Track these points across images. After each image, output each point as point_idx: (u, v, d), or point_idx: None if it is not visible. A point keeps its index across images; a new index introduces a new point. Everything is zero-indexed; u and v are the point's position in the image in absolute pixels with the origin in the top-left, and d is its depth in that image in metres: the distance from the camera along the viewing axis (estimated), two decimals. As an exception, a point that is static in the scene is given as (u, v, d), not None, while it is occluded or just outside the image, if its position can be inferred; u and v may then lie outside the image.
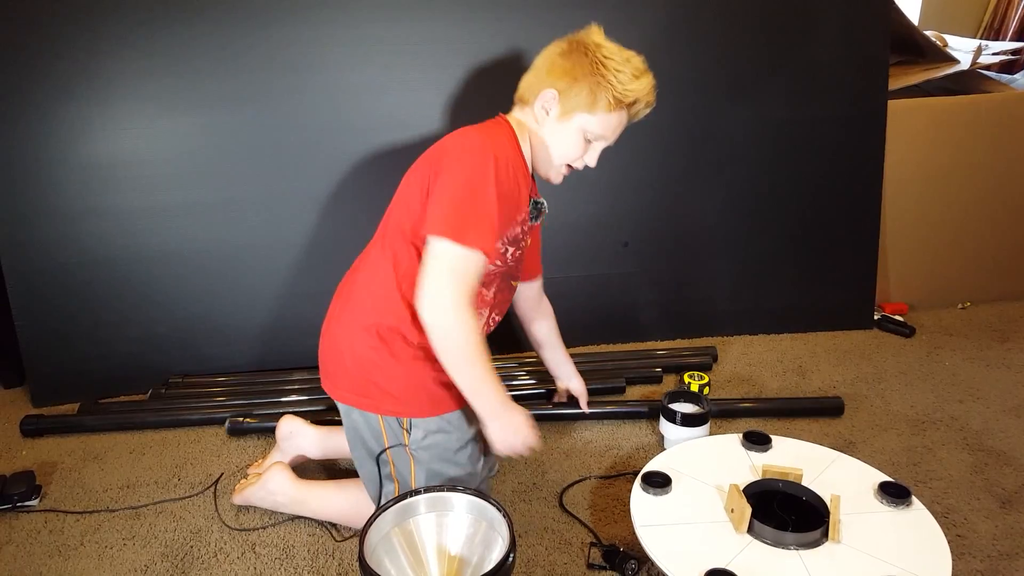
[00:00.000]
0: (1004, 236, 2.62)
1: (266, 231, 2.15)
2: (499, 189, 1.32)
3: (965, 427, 1.96)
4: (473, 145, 1.35)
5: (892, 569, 1.22)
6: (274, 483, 1.65)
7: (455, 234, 1.28)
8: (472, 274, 1.30)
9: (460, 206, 1.30)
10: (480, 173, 1.31)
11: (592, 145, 1.47)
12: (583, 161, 1.49)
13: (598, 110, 1.41)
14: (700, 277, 2.44)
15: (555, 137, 1.46)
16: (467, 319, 1.30)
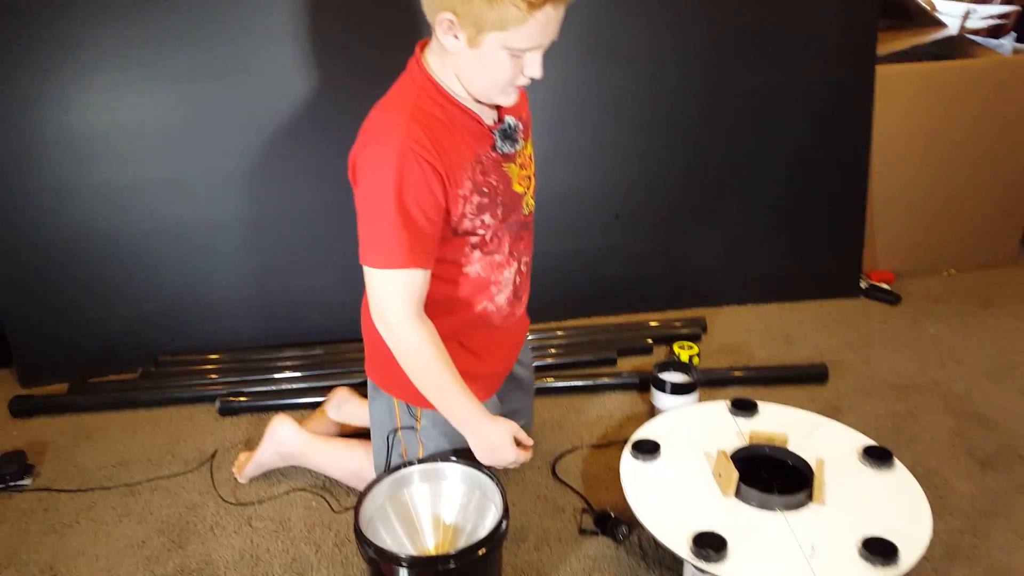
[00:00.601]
0: (989, 203, 2.64)
1: (252, 204, 2.13)
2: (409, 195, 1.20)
3: (947, 392, 1.99)
4: (373, 159, 1.21)
5: (874, 529, 1.25)
6: (281, 433, 1.67)
7: (369, 260, 1.26)
8: (404, 289, 1.26)
9: (367, 231, 1.25)
10: (381, 190, 1.20)
11: (525, 57, 1.19)
12: (524, 78, 1.22)
13: (510, 24, 1.12)
14: (690, 248, 2.46)
15: (474, 66, 1.20)
16: (411, 336, 1.29)
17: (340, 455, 1.66)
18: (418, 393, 1.40)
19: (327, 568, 1.46)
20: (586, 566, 1.45)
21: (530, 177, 1.45)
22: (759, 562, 1.20)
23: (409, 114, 1.22)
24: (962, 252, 2.71)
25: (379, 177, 1.20)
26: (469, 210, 1.30)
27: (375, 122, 1.26)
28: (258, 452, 1.70)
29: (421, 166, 1.20)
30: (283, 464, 1.71)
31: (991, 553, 1.45)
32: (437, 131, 1.23)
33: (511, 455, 1.38)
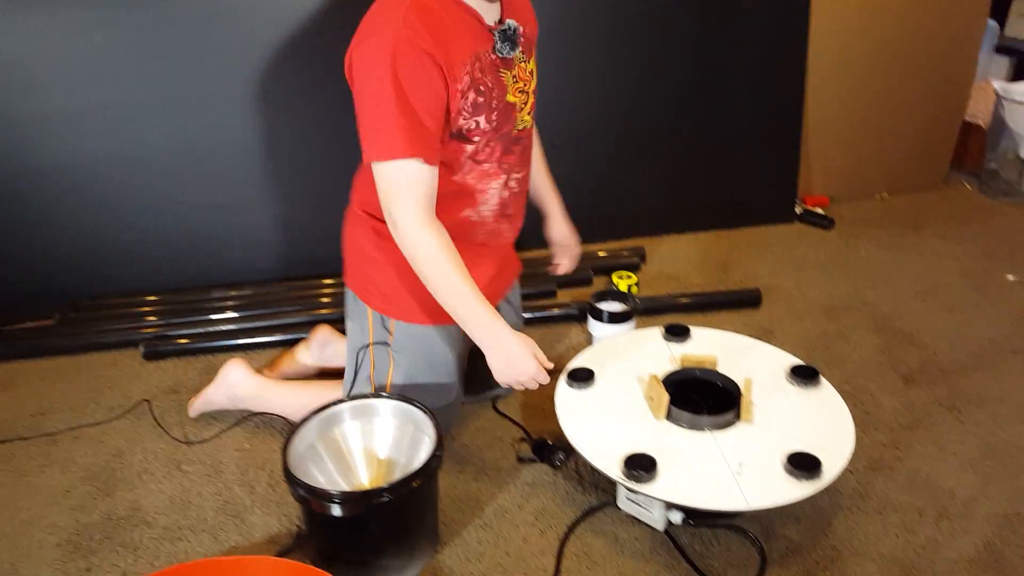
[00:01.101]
0: (921, 127, 2.67)
1: (171, 137, 2.02)
2: (407, 83, 1.17)
3: (876, 312, 2.04)
4: (368, 52, 1.18)
5: (799, 444, 1.27)
6: (233, 376, 1.63)
7: (370, 154, 1.21)
8: (410, 184, 1.21)
9: (367, 125, 1.21)
10: (377, 81, 1.17)
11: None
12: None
13: None
14: (628, 178, 2.44)
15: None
16: (424, 236, 1.23)
17: (297, 394, 1.62)
18: (397, 302, 1.38)
19: (261, 509, 1.44)
20: (524, 492, 1.46)
21: (528, 93, 1.40)
22: (688, 481, 1.22)
23: (407, 6, 1.17)
24: (895, 176, 2.75)
25: (375, 68, 1.17)
26: (465, 106, 1.26)
27: (372, 17, 1.21)
28: (209, 389, 1.66)
29: (419, 56, 1.16)
30: (232, 407, 1.67)
31: (912, 464, 1.50)
32: (435, 24, 1.19)
33: (531, 368, 1.28)
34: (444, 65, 1.19)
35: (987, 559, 1.29)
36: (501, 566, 1.30)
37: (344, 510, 1.17)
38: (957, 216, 2.60)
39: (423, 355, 1.46)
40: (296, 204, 2.16)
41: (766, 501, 1.18)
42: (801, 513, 1.38)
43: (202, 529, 1.40)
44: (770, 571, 1.27)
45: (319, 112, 2.07)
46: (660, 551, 1.32)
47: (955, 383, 1.74)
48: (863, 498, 1.42)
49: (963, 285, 2.16)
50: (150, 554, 1.35)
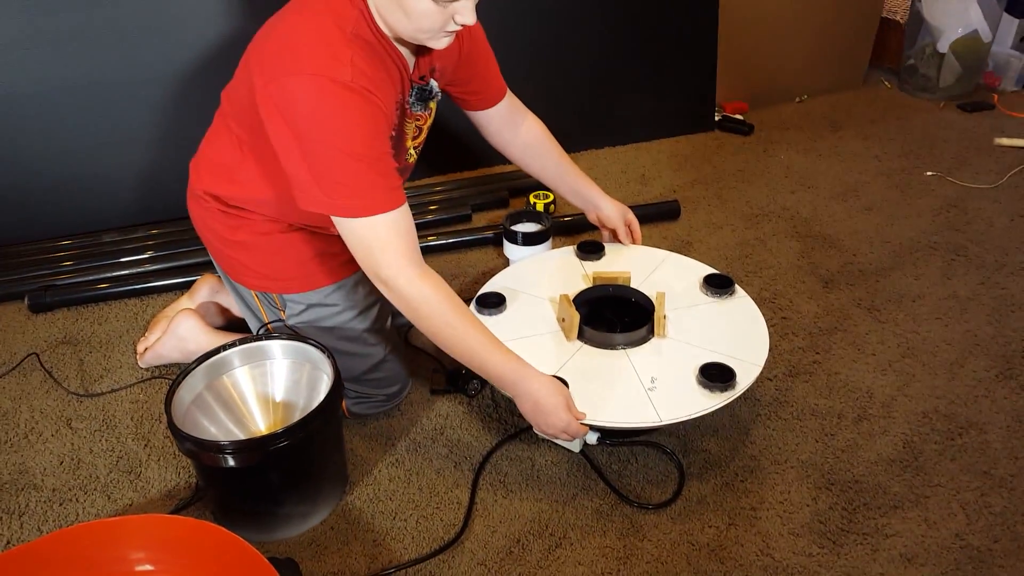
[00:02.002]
0: (839, 25, 2.61)
1: (51, 73, 1.84)
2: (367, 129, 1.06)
3: (795, 216, 2.01)
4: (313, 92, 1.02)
5: (713, 356, 1.24)
6: (183, 329, 1.51)
7: (346, 211, 1.07)
8: (395, 237, 1.09)
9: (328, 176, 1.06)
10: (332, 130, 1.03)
11: (455, 5, 1.04)
12: (454, 25, 1.07)
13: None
14: (545, 95, 2.32)
15: (397, 13, 1.06)
16: (423, 292, 1.11)
17: None
18: (275, 276, 1.29)
19: (158, 462, 1.35)
20: (438, 424, 1.40)
21: (422, 130, 1.32)
22: (600, 401, 1.18)
23: (347, 41, 1.05)
24: (814, 77, 2.70)
25: (329, 115, 1.03)
26: None
27: (305, 45, 1.04)
28: (159, 343, 1.54)
29: (371, 103, 1.05)
30: (184, 361, 1.54)
31: (831, 367, 1.49)
32: (376, 68, 1.08)
33: (561, 420, 1.14)
34: (385, 110, 1.10)
35: (906, 457, 1.29)
36: (414, 502, 1.25)
37: (238, 460, 1.09)
38: (876, 115, 2.58)
39: (328, 323, 1.34)
40: (192, 142, 2.01)
41: (679, 414, 1.14)
42: (719, 425, 1.36)
43: (94, 488, 1.31)
44: (689, 485, 1.25)
45: (218, 46, 1.90)
46: (577, 473, 1.28)
47: (874, 284, 1.73)
48: (782, 405, 1.40)
49: (883, 184, 2.15)
50: (37, 519, 1.26)
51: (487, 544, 1.17)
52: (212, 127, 1.33)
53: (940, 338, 1.56)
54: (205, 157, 1.32)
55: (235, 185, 1.26)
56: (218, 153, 1.28)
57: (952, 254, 1.82)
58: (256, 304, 1.38)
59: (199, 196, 1.32)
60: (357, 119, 1.05)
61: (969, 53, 2.58)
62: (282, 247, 1.30)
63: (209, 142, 1.32)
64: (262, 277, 1.33)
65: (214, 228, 1.33)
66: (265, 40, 1.10)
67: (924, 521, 1.18)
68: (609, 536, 1.18)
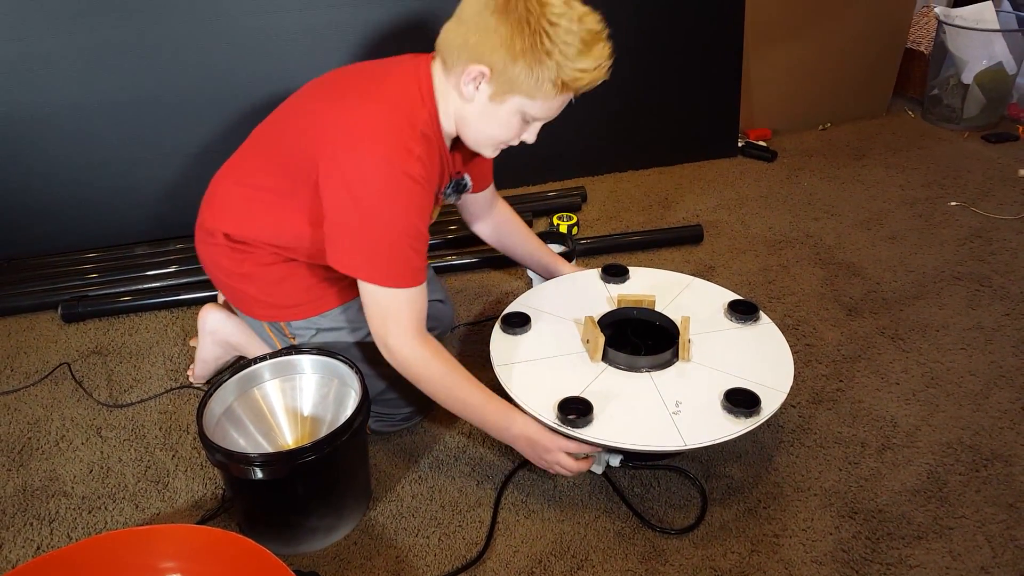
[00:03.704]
0: (864, 54, 2.62)
1: (86, 91, 1.89)
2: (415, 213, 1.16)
3: (819, 243, 2.01)
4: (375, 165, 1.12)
5: (738, 381, 1.24)
6: (211, 323, 1.52)
7: (376, 278, 1.16)
8: (408, 308, 1.18)
9: (368, 244, 1.15)
10: (387, 203, 1.13)
11: (531, 125, 1.22)
12: (517, 139, 1.23)
13: (539, 96, 1.13)
14: (568, 117, 2.33)
15: (485, 119, 1.19)
16: (422, 355, 1.19)
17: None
18: (283, 305, 1.33)
19: (185, 472, 1.37)
20: (460, 442, 1.41)
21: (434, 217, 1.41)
22: (624, 423, 1.18)
23: (416, 137, 1.15)
24: (838, 105, 2.71)
25: (393, 198, 1.13)
26: None
27: (376, 123, 1.14)
28: (198, 350, 1.56)
29: (427, 193, 1.17)
30: (229, 355, 1.57)
31: (854, 395, 1.49)
32: (430, 159, 1.19)
33: (556, 458, 1.20)
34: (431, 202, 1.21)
35: (930, 488, 1.28)
36: (436, 519, 1.26)
37: (266, 473, 1.11)
38: (900, 144, 2.58)
39: (335, 346, 1.37)
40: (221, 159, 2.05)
41: (704, 439, 1.15)
42: (743, 451, 1.36)
43: (123, 497, 1.33)
44: (711, 510, 1.25)
45: (249, 70, 1.95)
46: (599, 495, 1.29)
47: (898, 313, 1.73)
48: (805, 432, 1.40)
49: (906, 213, 2.15)
50: (67, 525, 1.28)
51: (509, 564, 1.18)
52: (237, 163, 1.35)
53: (965, 368, 1.56)
54: (226, 194, 1.34)
55: (253, 225, 1.29)
56: (243, 191, 1.30)
57: (977, 284, 1.82)
58: (268, 335, 1.40)
59: (209, 233, 1.35)
60: (416, 205, 1.16)
61: (994, 85, 2.58)
62: (286, 275, 1.33)
63: (237, 181, 1.32)
64: (269, 307, 1.35)
65: (220, 264, 1.36)
66: (335, 109, 1.18)
67: (948, 553, 1.17)
68: (631, 560, 1.18)
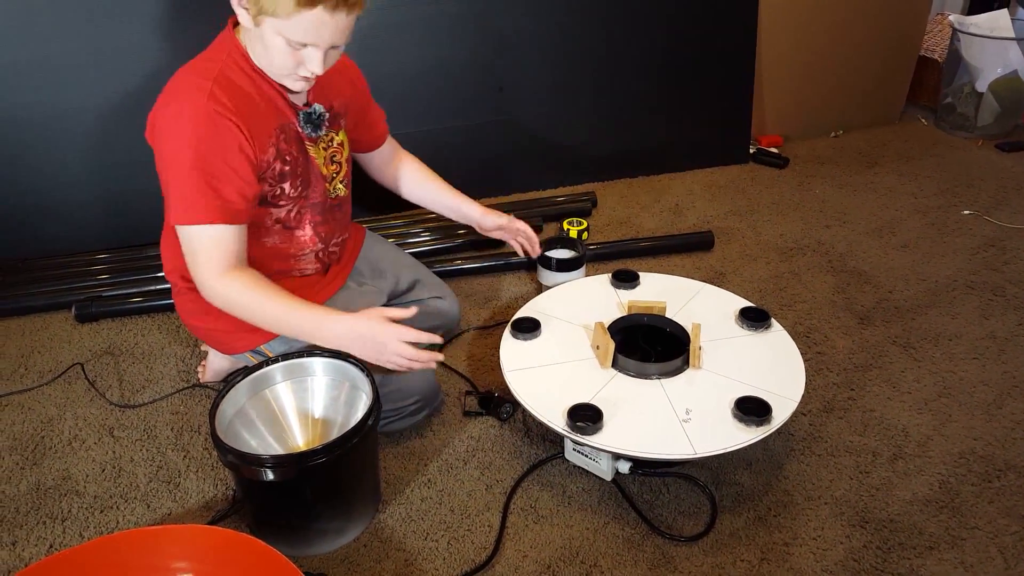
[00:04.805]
0: (877, 62, 2.62)
1: (98, 92, 1.91)
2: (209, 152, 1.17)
3: (830, 251, 2.01)
4: (171, 118, 1.17)
5: (749, 389, 1.24)
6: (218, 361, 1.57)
7: (177, 218, 1.19)
8: (211, 245, 1.20)
9: (172, 190, 1.19)
10: (181, 148, 1.16)
11: (305, 51, 1.17)
12: (305, 68, 1.19)
13: (281, 11, 1.10)
14: (579, 122, 2.36)
15: (260, 48, 1.19)
16: (226, 284, 1.21)
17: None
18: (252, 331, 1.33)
19: (196, 473, 1.38)
20: (469, 447, 1.41)
21: (340, 164, 1.43)
22: (634, 431, 1.18)
23: (213, 79, 1.19)
24: (850, 112, 2.70)
25: (178, 136, 1.17)
26: (270, 175, 1.28)
27: (178, 84, 1.21)
28: (208, 362, 1.59)
29: (226, 124, 1.18)
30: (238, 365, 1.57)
31: (866, 404, 1.48)
32: (241, 98, 1.21)
33: (392, 343, 1.21)
34: (250, 135, 1.20)
35: (942, 498, 1.28)
36: (445, 523, 1.26)
37: (277, 474, 1.11)
38: (913, 152, 2.57)
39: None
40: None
41: (714, 447, 1.15)
42: (753, 458, 1.36)
43: (134, 497, 1.34)
44: (721, 518, 1.25)
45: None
46: (608, 502, 1.28)
47: (910, 321, 1.72)
48: (816, 441, 1.40)
49: (919, 221, 2.14)
50: (79, 524, 1.29)
51: (518, 569, 1.18)
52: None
53: (977, 378, 1.55)
54: (165, 236, 1.39)
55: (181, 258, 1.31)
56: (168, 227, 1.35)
57: (990, 294, 1.81)
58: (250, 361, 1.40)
59: (172, 282, 1.40)
60: (199, 134, 1.16)
61: (1008, 93, 2.57)
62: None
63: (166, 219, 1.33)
64: (241, 336, 1.36)
65: (188, 309, 1.39)
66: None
67: (960, 564, 1.16)
68: (640, 566, 1.18)
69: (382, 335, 1.22)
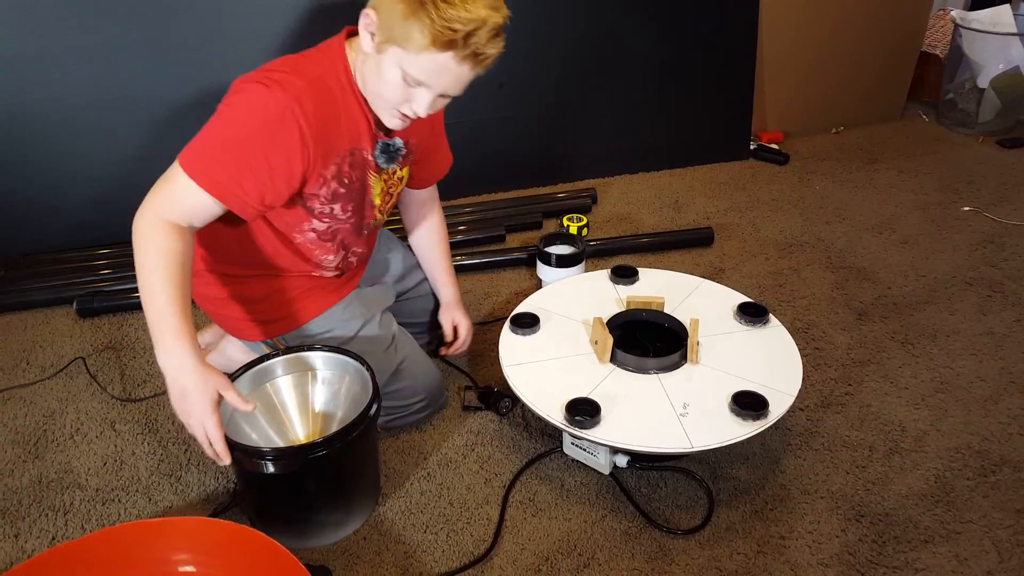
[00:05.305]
0: (877, 59, 2.62)
1: (100, 88, 1.92)
2: (264, 145, 1.12)
3: (830, 247, 2.01)
4: (254, 96, 1.12)
5: (746, 384, 1.25)
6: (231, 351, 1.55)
7: (185, 158, 1.13)
8: (184, 200, 1.13)
9: (204, 139, 1.14)
10: (240, 118, 1.12)
11: (417, 91, 1.14)
12: (410, 107, 1.16)
13: (411, 46, 1.07)
14: (579, 118, 2.36)
15: (372, 72, 1.16)
16: (152, 237, 1.11)
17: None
18: (273, 320, 1.34)
19: (197, 466, 1.39)
20: (468, 441, 1.42)
21: (392, 196, 1.41)
22: (631, 425, 1.19)
23: (308, 81, 1.15)
24: (851, 109, 2.71)
25: (247, 111, 1.12)
26: (324, 193, 1.25)
27: (275, 71, 1.15)
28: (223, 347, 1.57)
29: (292, 127, 1.13)
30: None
31: (863, 399, 1.49)
32: (326, 108, 1.17)
33: (197, 413, 1.08)
34: (314, 149, 1.17)
35: (938, 492, 1.28)
36: (444, 516, 1.27)
37: (277, 467, 1.12)
38: (913, 148, 2.57)
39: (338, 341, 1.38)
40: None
41: (710, 441, 1.15)
42: (750, 453, 1.37)
43: (136, 490, 1.35)
44: (718, 512, 1.26)
45: (262, 61, 1.96)
46: (606, 495, 1.29)
47: (908, 317, 1.73)
48: (813, 435, 1.41)
49: (919, 218, 2.14)
50: (81, 517, 1.30)
51: (516, 561, 1.19)
52: None
53: (974, 374, 1.55)
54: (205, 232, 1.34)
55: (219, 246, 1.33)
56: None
57: (988, 290, 1.81)
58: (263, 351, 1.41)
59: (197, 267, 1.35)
60: (264, 122, 1.11)
61: (1010, 90, 2.57)
62: (266, 293, 1.36)
63: None
64: (256, 325, 1.37)
65: (204, 294, 1.39)
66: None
67: (955, 557, 1.17)
68: (637, 559, 1.19)
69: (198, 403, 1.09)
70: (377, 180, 1.33)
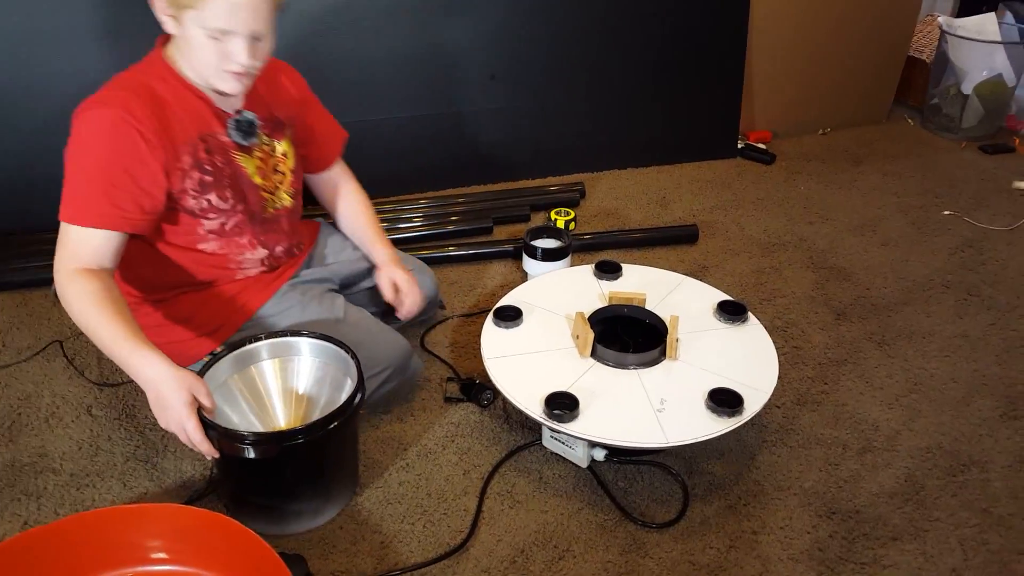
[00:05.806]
0: (866, 61, 2.63)
1: (79, 66, 1.89)
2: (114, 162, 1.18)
3: (812, 247, 2.03)
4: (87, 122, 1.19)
5: (723, 381, 1.26)
6: None
7: (63, 214, 1.21)
8: (78, 245, 1.20)
9: (68, 187, 1.21)
10: (85, 150, 1.20)
11: (229, 44, 1.16)
12: (233, 63, 1.18)
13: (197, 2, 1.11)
14: (569, 113, 2.36)
15: (186, 49, 1.20)
16: (71, 290, 1.18)
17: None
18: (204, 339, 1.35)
19: (174, 453, 1.38)
20: (449, 432, 1.43)
21: (284, 173, 1.42)
22: (609, 419, 1.20)
23: (130, 89, 1.21)
24: (839, 110, 2.72)
25: (87, 137, 1.19)
26: (190, 186, 1.27)
27: (100, 92, 1.23)
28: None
29: (131, 134, 1.19)
30: None
31: (838, 398, 1.51)
32: (157, 107, 1.22)
33: (176, 417, 1.11)
34: (161, 145, 1.21)
35: (907, 490, 1.30)
36: (422, 507, 1.27)
37: (256, 452, 1.12)
38: (898, 151, 2.60)
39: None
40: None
41: (686, 437, 1.17)
42: (725, 448, 1.38)
43: (111, 475, 1.34)
44: (693, 506, 1.27)
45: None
46: (584, 488, 1.30)
47: (886, 318, 1.75)
48: (788, 433, 1.42)
49: (900, 220, 2.16)
50: (54, 502, 1.29)
51: (492, 552, 1.20)
52: None
53: (948, 376, 1.57)
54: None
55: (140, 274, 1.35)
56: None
57: (965, 294, 1.84)
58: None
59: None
60: (104, 141, 1.18)
61: (993, 96, 2.60)
62: (198, 305, 1.37)
63: None
64: (199, 341, 1.36)
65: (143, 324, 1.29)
66: None
67: (922, 554, 1.19)
68: (612, 551, 1.20)
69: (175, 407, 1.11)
70: (248, 160, 1.34)
